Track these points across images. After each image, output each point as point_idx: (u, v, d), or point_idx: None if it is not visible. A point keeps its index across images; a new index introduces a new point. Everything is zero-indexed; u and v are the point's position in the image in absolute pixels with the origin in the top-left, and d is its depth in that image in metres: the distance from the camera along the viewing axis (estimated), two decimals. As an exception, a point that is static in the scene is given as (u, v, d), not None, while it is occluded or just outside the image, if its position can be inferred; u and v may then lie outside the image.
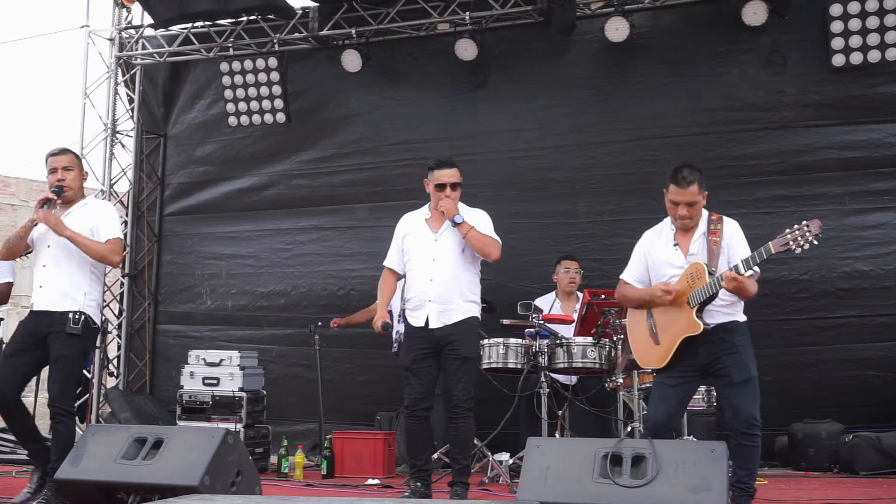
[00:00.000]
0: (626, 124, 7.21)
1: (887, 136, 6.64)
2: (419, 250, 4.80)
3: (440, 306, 4.68)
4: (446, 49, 7.48)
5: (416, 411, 4.69)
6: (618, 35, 7.00)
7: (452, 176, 4.80)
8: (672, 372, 4.08)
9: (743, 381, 3.98)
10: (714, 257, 4.01)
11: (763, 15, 6.69)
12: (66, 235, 4.50)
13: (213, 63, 8.26)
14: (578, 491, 3.29)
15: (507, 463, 5.62)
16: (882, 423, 6.25)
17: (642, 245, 4.34)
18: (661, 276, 4.18)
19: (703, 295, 3.94)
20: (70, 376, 4.58)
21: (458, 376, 4.63)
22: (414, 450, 4.77)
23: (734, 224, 4.18)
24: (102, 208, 4.82)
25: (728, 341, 4.03)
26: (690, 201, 4.07)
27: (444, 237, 4.77)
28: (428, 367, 4.70)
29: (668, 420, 4.08)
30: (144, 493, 3.63)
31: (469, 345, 4.76)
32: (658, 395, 4.17)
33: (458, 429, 4.67)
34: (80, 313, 4.51)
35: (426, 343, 4.69)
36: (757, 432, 3.95)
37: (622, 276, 4.38)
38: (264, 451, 6.64)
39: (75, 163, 4.75)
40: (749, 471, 3.98)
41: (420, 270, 4.77)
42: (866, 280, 6.59)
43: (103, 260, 4.60)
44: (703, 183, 4.11)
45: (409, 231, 4.88)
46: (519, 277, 7.20)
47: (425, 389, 4.69)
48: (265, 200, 8.26)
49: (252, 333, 8.09)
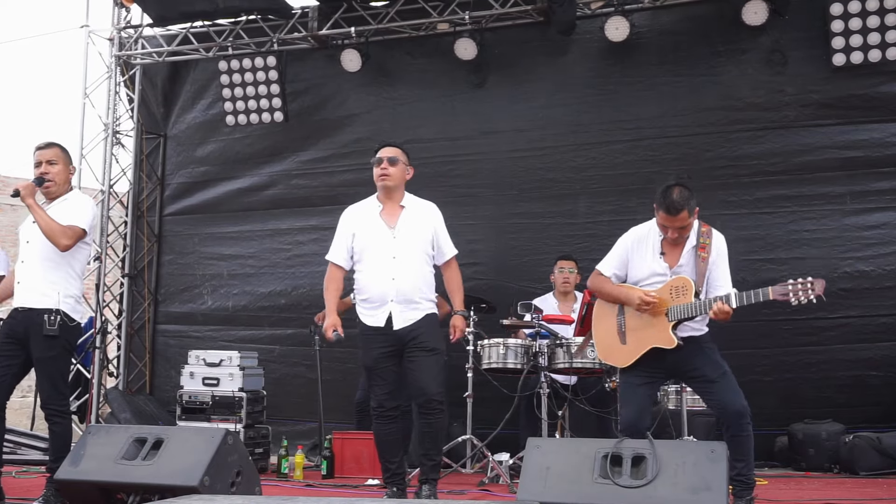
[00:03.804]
0: (626, 124, 7.20)
1: (888, 136, 6.63)
2: (376, 248, 4.57)
3: (403, 305, 4.49)
4: (446, 49, 7.47)
5: (384, 412, 4.52)
6: (618, 35, 6.99)
7: (390, 152, 4.64)
8: (636, 372, 4.12)
9: (720, 376, 4.00)
10: (702, 276, 4.03)
11: (763, 14, 6.69)
12: (27, 202, 4.43)
13: (212, 63, 8.25)
14: (578, 491, 3.28)
15: (507, 463, 5.61)
16: (882, 423, 6.25)
17: (627, 242, 4.29)
18: (639, 280, 4.18)
19: (686, 314, 3.97)
20: (56, 377, 4.49)
21: (427, 369, 4.45)
22: (386, 452, 4.58)
23: (721, 240, 4.17)
24: (78, 200, 4.68)
25: (693, 343, 4.05)
26: (680, 226, 4.05)
27: (402, 233, 4.58)
28: (393, 366, 4.51)
29: (641, 418, 4.06)
30: (144, 494, 3.63)
31: (434, 337, 4.55)
32: (626, 395, 4.19)
33: (431, 424, 4.50)
34: (56, 312, 4.43)
35: (388, 342, 4.50)
36: (748, 421, 3.96)
37: (598, 267, 4.33)
38: (264, 451, 6.64)
39: (60, 157, 4.67)
40: (746, 462, 3.98)
41: (379, 269, 4.54)
42: (867, 280, 6.58)
43: (51, 236, 4.41)
44: (694, 203, 4.05)
45: (360, 228, 4.64)
46: (519, 277, 7.20)
47: (392, 389, 4.51)
48: (265, 200, 8.26)
49: (253, 333, 8.09)
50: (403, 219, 4.62)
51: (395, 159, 4.63)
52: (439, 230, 4.71)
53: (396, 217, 4.62)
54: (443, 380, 4.60)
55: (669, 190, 4.03)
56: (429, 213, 4.72)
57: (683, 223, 4.03)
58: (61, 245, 4.44)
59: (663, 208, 4.03)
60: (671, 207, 4.00)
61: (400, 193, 4.70)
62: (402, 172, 4.67)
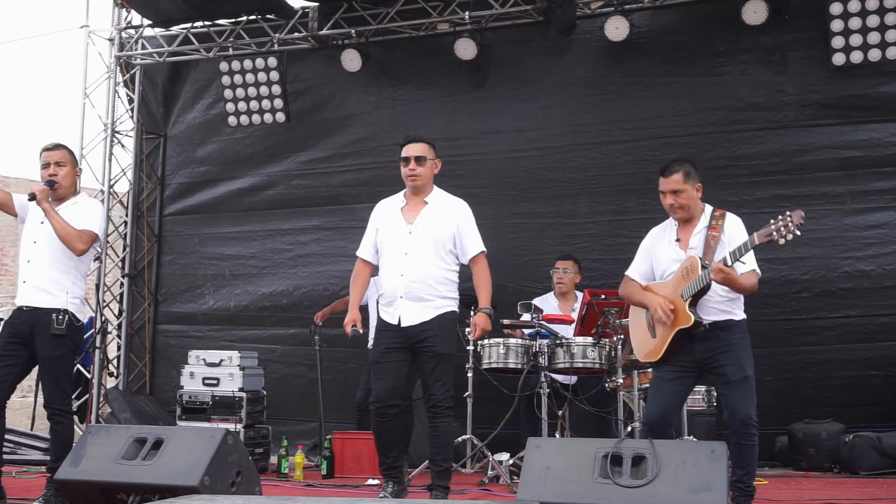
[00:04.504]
0: (626, 124, 7.20)
1: (888, 136, 6.63)
2: (392, 243, 4.56)
3: (412, 303, 4.45)
4: (446, 49, 7.47)
5: (382, 408, 4.44)
6: (618, 34, 6.99)
7: (417, 150, 4.61)
8: (668, 366, 4.10)
9: (738, 381, 3.98)
10: (710, 251, 4.03)
11: (763, 14, 6.69)
12: (43, 206, 4.47)
13: (213, 63, 8.25)
14: (578, 491, 3.28)
15: (507, 463, 5.61)
16: (882, 423, 6.25)
17: (647, 242, 4.38)
18: (663, 272, 4.21)
19: (695, 287, 3.96)
20: (60, 377, 4.52)
21: (435, 375, 4.42)
22: (383, 447, 4.53)
23: (737, 220, 4.19)
24: (90, 204, 4.76)
25: (724, 339, 4.03)
26: (674, 189, 4.14)
27: (418, 229, 4.54)
28: (398, 360, 4.46)
29: (664, 415, 4.08)
30: (144, 494, 3.63)
31: (445, 341, 4.50)
32: (654, 389, 4.21)
33: (438, 429, 4.47)
34: (63, 312, 4.48)
35: (397, 338, 4.46)
36: (753, 432, 3.96)
37: (627, 273, 4.40)
38: (264, 451, 6.64)
39: (68, 158, 4.70)
40: (747, 471, 3.98)
41: (392, 265, 4.53)
42: (867, 280, 6.58)
43: (67, 240, 4.47)
44: (693, 174, 4.17)
45: (383, 222, 4.65)
46: (519, 277, 7.19)
47: (393, 384, 4.44)
48: (266, 201, 8.26)
49: (255, 333, 8.10)
50: (423, 215, 4.58)
51: (422, 158, 4.60)
52: (463, 227, 4.62)
53: (417, 213, 4.59)
54: (452, 384, 4.55)
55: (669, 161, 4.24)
56: (454, 209, 4.66)
57: (678, 186, 4.13)
58: (77, 249, 4.51)
59: (659, 172, 4.20)
60: (665, 169, 4.18)
61: (427, 189, 4.68)
62: (430, 170, 4.65)
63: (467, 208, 4.71)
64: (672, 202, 4.15)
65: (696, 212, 4.20)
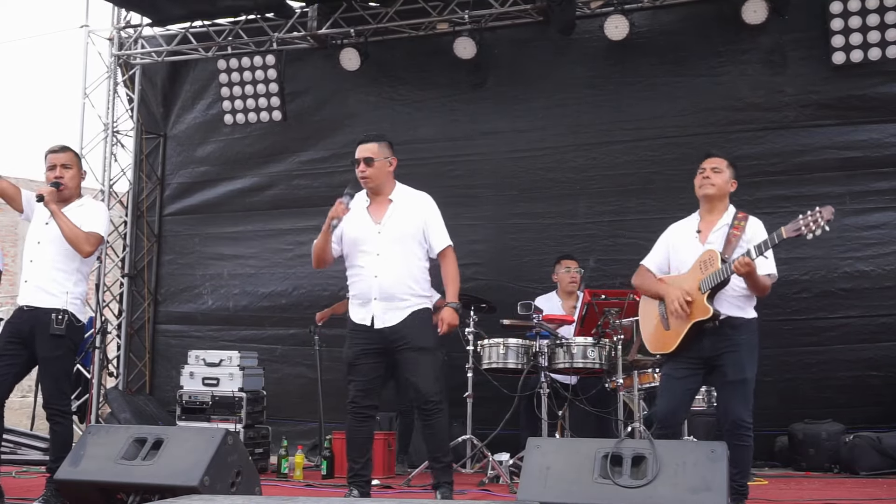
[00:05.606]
0: (626, 124, 7.21)
1: (888, 136, 6.64)
2: (361, 244, 4.44)
3: (386, 304, 4.34)
4: (445, 48, 7.47)
5: (357, 409, 4.36)
6: (617, 33, 6.99)
7: (365, 151, 4.46)
8: (679, 361, 4.10)
9: (735, 382, 3.99)
10: (730, 247, 4.05)
11: (763, 13, 6.69)
12: (51, 208, 4.49)
13: (212, 63, 8.25)
14: (578, 491, 3.28)
15: (507, 463, 5.61)
16: (882, 423, 6.25)
17: (667, 233, 4.41)
18: (680, 261, 4.22)
19: (714, 280, 3.97)
20: (60, 377, 4.53)
21: (419, 370, 4.32)
22: (353, 451, 4.40)
23: (758, 223, 4.21)
24: (96, 207, 4.79)
25: (732, 338, 4.03)
26: (715, 166, 4.23)
27: (387, 228, 4.42)
28: (372, 363, 4.37)
29: (674, 412, 4.09)
30: (144, 494, 3.62)
31: (423, 334, 4.37)
32: (664, 387, 4.23)
33: (433, 426, 4.37)
34: (63, 312, 4.48)
35: (370, 339, 4.36)
36: (746, 433, 3.96)
37: (643, 262, 4.40)
38: (264, 451, 6.64)
39: (74, 161, 4.73)
40: (741, 470, 3.97)
41: (365, 266, 4.41)
42: (867, 280, 6.58)
43: (75, 242, 4.49)
44: (734, 170, 4.28)
45: (348, 222, 4.47)
46: (519, 277, 7.20)
47: (368, 386, 4.36)
48: (265, 201, 8.26)
49: (255, 333, 8.09)
50: (390, 213, 4.47)
51: (370, 159, 4.45)
52: (430, 221, 4.51)
53: (383, 212, 4.47)
54: (440, 378, 4.52)
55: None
56: (419, 204, 4.54)
57: (719, 165, 4.24)
58: (84, 252, 4.54)
59: (706, 155, 4.34)
60: (709, 154, 4.32)
61: (388, 187, 4.55)
62: (381, 169, 4.49)
63: (432, 201, 4.59)
64: (708, 175, 4.21)
65: (722, 203, 4.23)
